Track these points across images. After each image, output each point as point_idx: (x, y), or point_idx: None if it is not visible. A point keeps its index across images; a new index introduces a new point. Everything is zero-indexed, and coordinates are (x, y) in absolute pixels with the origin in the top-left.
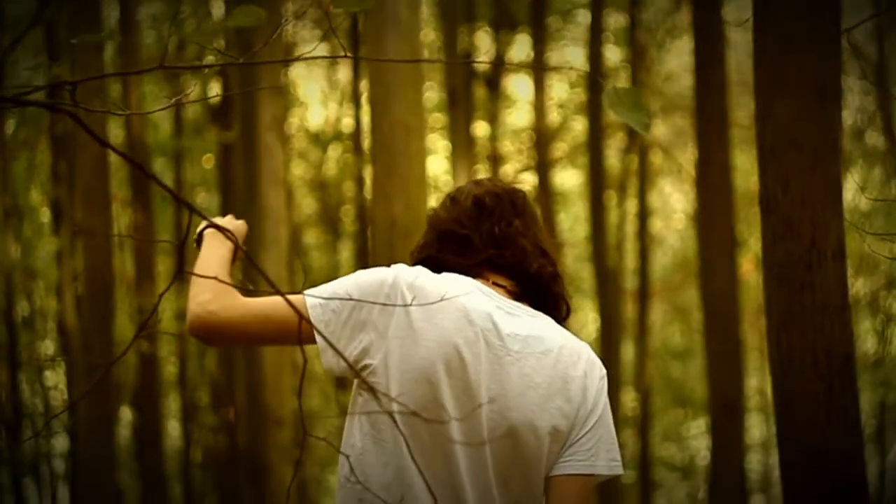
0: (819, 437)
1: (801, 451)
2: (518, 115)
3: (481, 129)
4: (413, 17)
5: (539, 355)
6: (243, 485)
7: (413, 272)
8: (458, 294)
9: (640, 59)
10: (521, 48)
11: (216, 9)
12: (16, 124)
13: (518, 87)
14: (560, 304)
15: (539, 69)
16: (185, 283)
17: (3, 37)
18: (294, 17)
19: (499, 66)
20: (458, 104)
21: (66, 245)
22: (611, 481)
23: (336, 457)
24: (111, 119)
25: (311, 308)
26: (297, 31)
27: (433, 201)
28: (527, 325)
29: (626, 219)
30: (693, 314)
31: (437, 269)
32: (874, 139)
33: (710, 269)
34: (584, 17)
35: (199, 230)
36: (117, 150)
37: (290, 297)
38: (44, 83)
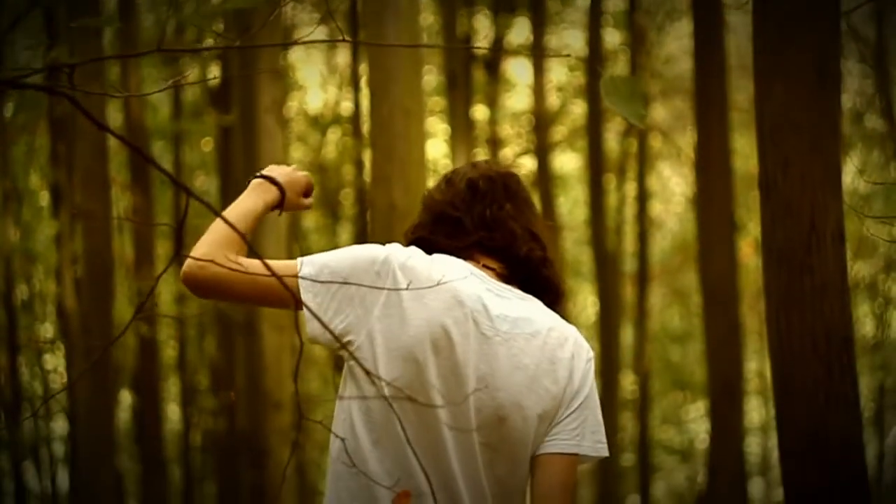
0: (818, 420)
1: (800, 434)
2: (517, 98)
3: (480, 112)
4: (412, 0)
5: (527, 337)
6: (243, 468)
7: (406, 252)
8: (449, 275)
9: (639, 43)
10: (520, 31)
11: None
12: (15, 108)
13: (517, 70)
14: (550, 287)
15: (537, 55)
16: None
17: (1, 20)
18: None
19: (498, 50)
20: (458, 88)
21: (66, 228)
22: (610, 464)
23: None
24: (110, 102)
25: (301, 277)
26: (296, 14)
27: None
28: (516, 307)
29: (626, 202)
30: (692, 297)
31: (428, 250)
32: (873, 122)
33: (709, 252)
34: (583, 1)
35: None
36: (116, 134)
37: (285, 262)
38: (42, 67)
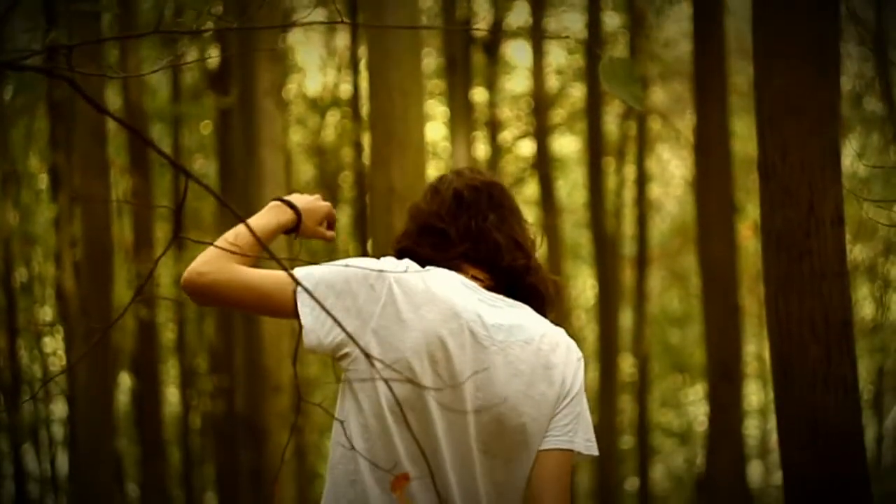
0: (817, 402)
1: (799, 417)
2: (516, 81)
3: (480, 94)
4: None
5: (522, 344)
6: (242, 450)
7: (401, 265)
8: (444, 287)
9: (638, 25)
10: (519, 14)
11: None
12: (14, 90)
13: (517, 52)
14: (535, 294)
15: (536, 38)
16: (183, 249)
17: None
18: None
19: (497, 32)
20: (457, 70)
21: (65, 211)
22: (609, 447)
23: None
24: (109, 85)
25: (298, 291)
26: None
27: (431, 167)
28: (508, 315)
29: (625, 185)
30: (691, 280)
31: (415, 261)
32: (872, 105)
33: (708, 235)
34: None
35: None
36: (114, 116)
37: (282, 273)
38: (41, 49)
